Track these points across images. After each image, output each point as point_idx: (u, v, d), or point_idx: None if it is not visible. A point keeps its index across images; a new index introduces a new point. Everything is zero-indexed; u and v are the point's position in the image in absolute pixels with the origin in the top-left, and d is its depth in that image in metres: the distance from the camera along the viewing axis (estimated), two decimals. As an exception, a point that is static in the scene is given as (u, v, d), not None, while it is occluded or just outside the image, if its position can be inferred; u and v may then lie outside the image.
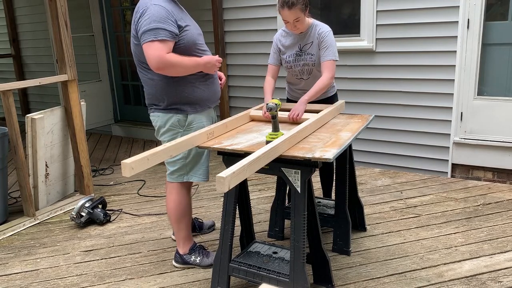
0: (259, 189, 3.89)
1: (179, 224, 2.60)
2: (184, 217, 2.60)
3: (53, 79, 3.63)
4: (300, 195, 2.09)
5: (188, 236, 2.65)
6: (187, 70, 2.35)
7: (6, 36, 7.11)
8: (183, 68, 2.32)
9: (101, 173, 4.55)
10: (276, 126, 2.19)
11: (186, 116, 2.45)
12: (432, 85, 3.83)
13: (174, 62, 2.26)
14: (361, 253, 2.75)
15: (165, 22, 2.23)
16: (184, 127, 2.46)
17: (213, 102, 2.56)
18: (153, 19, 2.22)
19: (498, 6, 3.58)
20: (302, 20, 2.60)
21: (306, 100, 2.57)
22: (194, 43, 2.38)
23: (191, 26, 2.39)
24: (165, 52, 2.23)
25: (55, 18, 3.47)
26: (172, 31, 2.25)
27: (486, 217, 3.13)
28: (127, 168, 1.79)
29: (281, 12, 2.57)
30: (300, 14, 2.55)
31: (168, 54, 2.25)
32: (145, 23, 2.24)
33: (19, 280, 2.65)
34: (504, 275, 2.43)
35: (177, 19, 2.29)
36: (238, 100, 4.95)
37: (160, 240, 3.05)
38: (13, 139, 3.23)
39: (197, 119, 2.47)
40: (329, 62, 2.66)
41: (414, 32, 3.80)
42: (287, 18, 2.57)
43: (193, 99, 2.44)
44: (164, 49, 2.23)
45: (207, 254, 2.68)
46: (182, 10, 2.43)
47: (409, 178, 3.97)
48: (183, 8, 2.48)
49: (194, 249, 2.67)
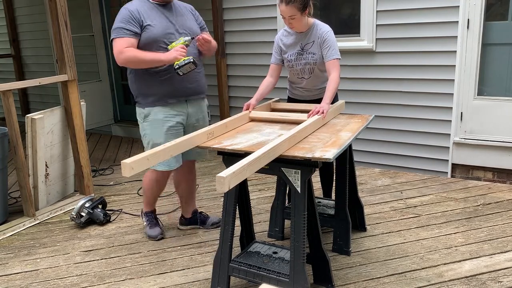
0: (259, 189, 3.89)
1: (145, 191, 3.05)
2: (147, 191, 3.02)
3: (53, 79, 3.63)
4: (300, 195, 2.09)
5: (148, 204, 3.10)
6: (147, 63, 2.61)
7: (6, 36, 7.11)
8: (140, 61, 2.59)
9: (101, 173, 4.55)
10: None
11: (144, 108, 2.75)
12: (432, 85, 3.83)
13: (131, 55, 2.56)
14: (361, 253, 2.75)
15: (127, 22, 2.57)
16: (143, 119, 2.78)
17: (173, 97, 2.73)
18: (117, 20, 2.61)
19: (498, 6, 3.58)
20: (298, 19, 2.62)
21: (328, 103, 2.57)
22: (154, 40, 2.62)
23: (157, 25, 2.64)
24: (123, 47, 2.55)
25: (55, 18, 3.46)
26: (130, 29, 2.57)
27: (486, 217, 3.13)
28: (127, 168, 1.79)
29: (279, 7, 2.62)
30: (296, 12, 2.57)
31: (126, 49, 2.55)
32: (114, 24, 2.63)
33: (19, 280, 2.65)
34: (504, 275, 2.43)
35: (142, 19, 2.60)
36: (238, 100, 4.95)
37: (160, 240, 3.05)
38: (13, 139, 3.23)
39: (153, 112, 2.73)
40: (334, 61, 2.69)
41: (414, 32, 3.80)
42: (283, 14, 2.61)
43: (148, 94, 2.72)
44: (123, 45, 2.56)
45: (151, 225, 3.09)
46: (157, 10, 2.68)
47: (409, 178, 3.97)
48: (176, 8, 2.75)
49: (148, 215, 3.12)
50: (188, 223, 3.20)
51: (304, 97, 2.95)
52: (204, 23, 2.98)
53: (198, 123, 2.89)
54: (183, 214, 3.21)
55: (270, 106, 2.94)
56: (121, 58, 2.57)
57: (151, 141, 2.76)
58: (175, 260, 2.78)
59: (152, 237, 3.06)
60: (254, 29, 4.64)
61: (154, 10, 2.68)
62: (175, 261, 2.77)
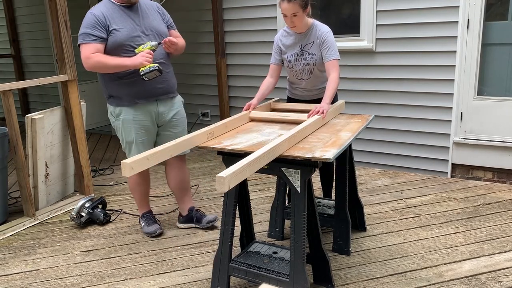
0: (259, 189, 3.89)
1: (133, 194, 3.18)
2: (134, 192, 3.13)
3: (53, 79, 3.63)
4: (300, 195, 2.09)
5: (141, 204, 3.18)
6: (113, 68, 2.66)
7: (6, 36, 7.11)
8: (106, 66, 2.65)
9: (101, 173, 4.55)
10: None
11: (115, 108, 2.84)
12: (432, 85, 3.83)
13: (97, 61, 2.62)
14: (361, 253, 2.75)
15: (92, 28, 2.63)
16: (115, 117, 2.87)
17: (142, 98, 2.79)
18: (83, 25, 2.66)
19: (498, 6, 3.58)
20: (300, 17, 2.61)
21: (328, 103, 2.58)
22: (120, 44, 2.66)
23: (123, 29, 2.67)
24: (89, 53, 2.61)
25: (55, 18, 3.47)
26: (96, 35, 2.63)
27: (486, 217, 3.13)
28: (127, 168, 1.79)
29: (281, 5, 2.60)
30: (298, 9, 2.57)
31: (93, 55, 2.61)
32: (80, 29, 2.68)
33: (19, 280, 2.65)
34: (504, 275, 2.43)
35: (108, 23, 2.65)
36: (238, 100, 4.95)
37: (160, 240, 3.05)
38: (13, 139, 3.23)
39: (123, 111, 2.81)
40: (334, 61, 2.69)
41: (414, 32, 3.80)
42: (286, 11, 2.59)
43: (118, 95, 2.80)
44: (89, 51, 2.62)
45: (149, 223, 3.12)
46: (122, 13, 2.71)
47: (409, 178, 3.97)
48: (142, 9, 2.77)
49: (145, 216, 3.17)
50: (185, 221, 3.20)
51: (304, 97, 2.95)
52: (172, 21, 2.97)
53: (174, 119, 2.95)
54: (180, 212, 3.23)
55: (270, 106, 2.94)
56: (88, 63, 2.63)
57: (124, 139, 2.90)
58: (175, 260, 2.78)
59: (150, 233, 3.07)
60: (254, 29, 4.64)
61: (119, 12, 2.71)
62: (175, 261, 2.77)
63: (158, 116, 2.88)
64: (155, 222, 3.16)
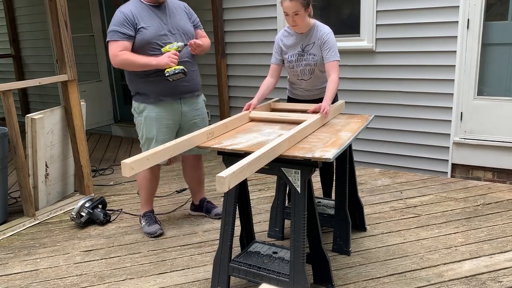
0: (259, 189, 3.89)
1: (140, 191, 3.19)
2: (142, 188, 3.14)
3: (53, 79, 3.63)
4: (300, 195, 2.09)
5: (145, 203, 3.17)
6: (139, 67, 2.74)
7: (6, 36, 7.10)
8: (133, 64, 2.73)
9: (101, 173, 4.55)
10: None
11: (139, 104, 2.90)
12: (432, 85, 3.83)
13: (125, 59, 2.70)
14: (361, 253, 2.75)
15: (121, 25, 2.69)
16: (138, 114, 2.92)
17: (167, 96, 2.85)
18: (112, 23, 2.73)
19: (498, 6, 3.58)
20: (302, 16, 2.61)
21: (329, 103, 2.58)
22: (147, 42, 2.73)
23: (150, 27, 2.74)
24: (117, 51, 2.69)
25: (55, 18, 3.47)
26: (125, 32, 2.69)
27: (486, 217, 3.13)
28: (127, 168, 1.79)
29: (283, 3, 2.60)
30: (300, 8, 2.56)
31: (121, 52, 2.69)
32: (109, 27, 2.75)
33: (19, 280, 2.65)
34: (504, 275, 2.43)
35: (136, 21, 2.71)
36: (238, 100, 4.95)
37: (160, 240, 3.05)
38: (13, 139, 3.23)
39: (147, 108, 2.87)
40: (334, 62, 2.69)
41: (414, 32, 3.80)
42: (287, 10, 2.59)
43: (144, 92, 2.86)
44: (117, 48, 2.69)
45: (150, 223, 3.11)
46: (150, 12, 2.77)
47: (409, 178, 3.97)
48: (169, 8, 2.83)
49: (146, 215, 3.17)
50: (195, 209, 3.43)
51: (304, 97, 2.95)
52: (198, 21, 3.05)
53: (196, 119, 3.01)
54: (193, 200, 3.44)
55: (270, 106, 2.94)
56: (116, 61, 2.72)
57: (144, 135, 2.94)
58: (175, 260, 2.78)
59: (151, 233, 3.08)
60: (254, 29, 4.64)
61: (147, 11, 2.78)
62: (175, 261, 2.77)
63: (181, 115, 2.95)
64: (156, 222, 3.17)
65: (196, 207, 3.42)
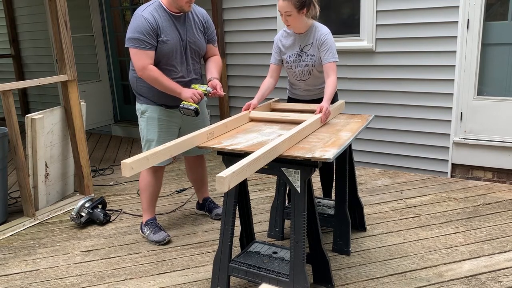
0: (259, 189, 3.89)
1: (141, 196, 3.08)
2: (144, 192, 3.04)
3: (53, 79, 3.63)
4: (300, 195, 2.09)
5: (147, 209, 3.08)
6: (164, 89, 2.71)
7: (6, 36, 7.11)
8: (159, 85, 2.70)
9: (101, 173, 4.55)
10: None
11: (141, 105, 2.89)
12: (432, 85, 3.83)
13: (154, 77, 2.67)
14: (361, 253, 2.75)
15: (147, 34, 2.61)
16: (141, 115, 2.92)
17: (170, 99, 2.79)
18: (135, 29, 2.61)
19: (498, 6, 3.58)
20: (295, 17, 2.61)
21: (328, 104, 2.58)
22: (163, 56, 2.72)
23: (169, 41, 2.71)
24: (146, 63, 2.64)
25: (55, 18, 3.47)
26: (150, 42, 2.63)
27: (486, 217, 3.13)
28: (127, 168, 1.79)
29: (278, 2, 2.63)
30: (292, 9, 2.56)
31: (151, 67, 2.66)
32: (129, 30, 2.64)
33: (19, 280, 2.65)
34: (504, 275, 2.43)
35: (158, 32, 2.65)
36: (238, 100, 4.95)
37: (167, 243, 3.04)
38: (13, 139, 3.23)
39: (149, 109, 2.86)
40: (332, 63, 2.68)
41: (414, 32, 3.80)
42: (280, 9, 2.61)
43: (147, 94, 2.84)
44: (146, 60, 2.64)
45: (155, 231, 3.01)
46: (171, 22, 2.71)
47: (409, 178, 3.97)
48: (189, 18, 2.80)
49: (149, 223, 3.07)
50: (199, 208, 3.47)
51: (304, 96, 2.95)
52: (215, 35, 3.03)
53: (197, 120, 2.98)
54: (198, 199, 3.49)
55: (270, 106, 2.94)
56: (145, 74, 2.67)
57: (145, 136, 2.93)
58: (175, 260, 2.78)
59: (159, 242, 2.96)
60: (254, 29, 4.64)
61: (168, 22, 2.71)
62: (175, 261, 2.77)
63: (182, 117, 2.93)
64: (161, 229, 3.05)
65: (200, 206, 3.45)
